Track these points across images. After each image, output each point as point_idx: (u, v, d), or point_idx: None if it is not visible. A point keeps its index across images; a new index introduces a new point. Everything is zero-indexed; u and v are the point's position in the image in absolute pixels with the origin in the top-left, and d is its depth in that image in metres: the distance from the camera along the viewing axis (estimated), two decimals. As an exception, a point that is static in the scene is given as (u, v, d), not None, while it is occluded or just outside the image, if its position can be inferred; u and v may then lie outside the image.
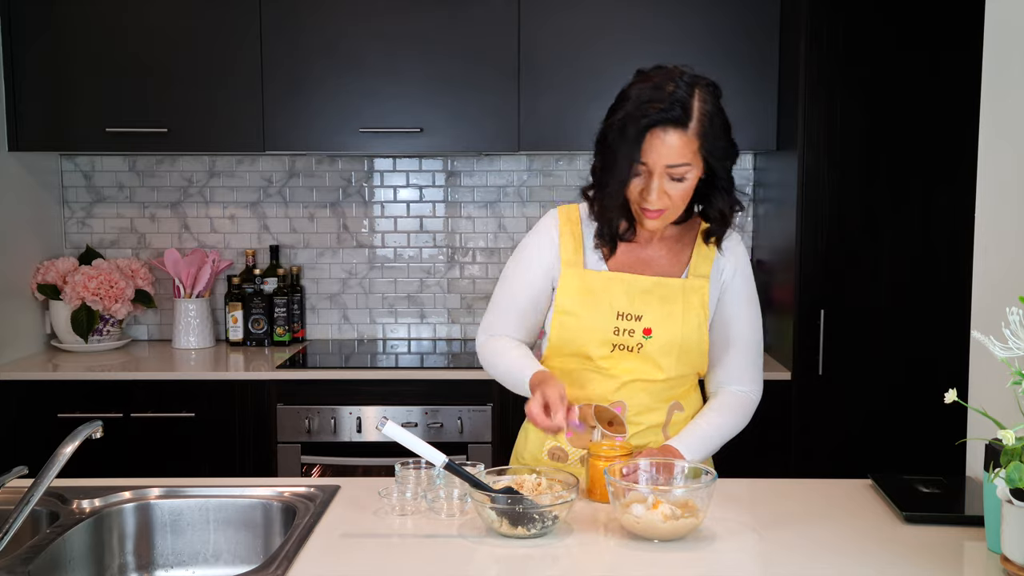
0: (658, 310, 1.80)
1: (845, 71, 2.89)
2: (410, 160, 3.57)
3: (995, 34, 1.85)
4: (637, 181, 1.71)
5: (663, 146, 1.66)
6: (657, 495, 1.54)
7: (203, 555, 1.75)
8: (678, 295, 1.81)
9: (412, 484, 1.69)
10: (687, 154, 1.67)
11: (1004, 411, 1.54)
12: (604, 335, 1.80)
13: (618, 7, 3.13)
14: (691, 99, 1.67)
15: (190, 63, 3.16)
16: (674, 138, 1.66)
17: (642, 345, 1.80)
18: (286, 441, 3.01)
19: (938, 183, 2.90)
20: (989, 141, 1.87)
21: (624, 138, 1.67)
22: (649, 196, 1.70)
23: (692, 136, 1.67)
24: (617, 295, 1.81)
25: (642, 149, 1.66)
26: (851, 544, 1.53)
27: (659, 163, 1.67)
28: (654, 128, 1.65)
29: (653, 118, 1.65)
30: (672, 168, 1.68)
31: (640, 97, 1.67)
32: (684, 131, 1.66)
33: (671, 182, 1.69)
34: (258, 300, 3.45)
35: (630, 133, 1.66)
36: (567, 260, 1.84)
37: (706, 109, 1.68)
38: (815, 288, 2.95)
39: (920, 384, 2.90)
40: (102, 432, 1.50)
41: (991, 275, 1.85)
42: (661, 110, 1.65)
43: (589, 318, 1.81)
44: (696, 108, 1.67)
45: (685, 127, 1.66)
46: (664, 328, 1.80)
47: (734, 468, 1.89)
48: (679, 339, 1.80)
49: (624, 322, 1.80)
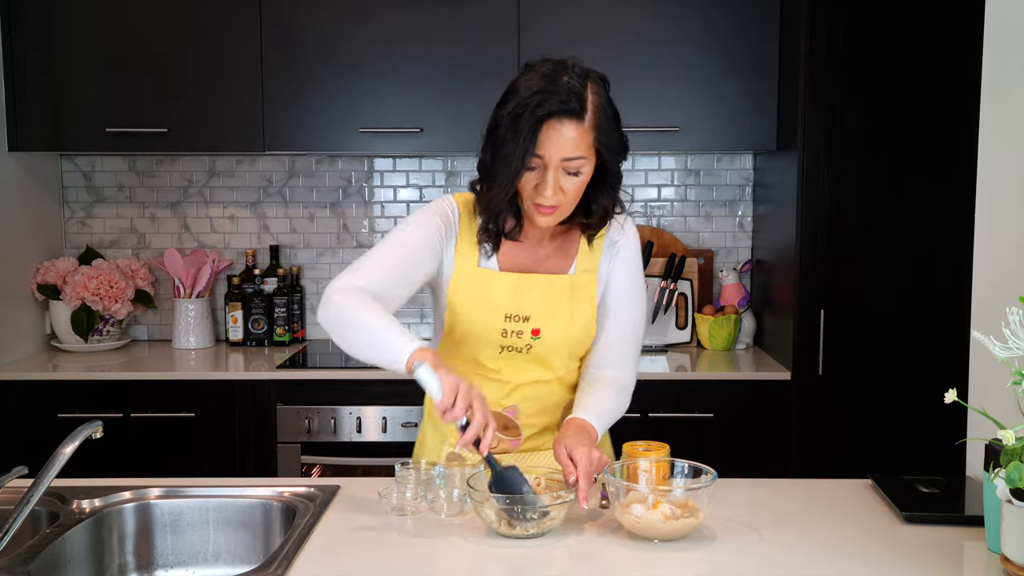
0: (545, 309, 1.77)
1: (845, 71, 2.89)
2: (410, 160, 3.57)
3: (995, 34, 1.85)
4: (531, 176, 1.65)
5: (560, 138, 1.61)
6: (657, 495, 1.54)
7: (203, 555, 1.75)
8: (565, 292, 1.79)
9: (412, 484, 1.68)
10: (583, 147, 1.63)
11: (1004, 411, 1.54)
12: (491, 336, 1.78)
13: (617, 7, 3.13)
14: (585, 91, 1.63)
15: (190, 63, 3.17)
16: (571, 130, 1.61)
17: (531, 346, 1.78)
18: (286, 441, 3.01)
19: (938, 183, 2.90)
20: (989, 141, 1.87)
21: (518, 129, 1.60)
22: (544, 191, 1.64)
23: (588, 128, 1.63)
24: (505, 296, 1.76)
25: (538, 141, 1.61)
26: (851, 544, 1.53)
27: (555, 156, 1.62)
28: (550, 119, 1.60)
29: (549, 108, 1.60)
30: (568, 161, 1.63)
31: (532, 88, 1.62)
32: (580, 123, 1.62)
33: (566, 176, 1.65)
34: (258, 300, 3.45)
35: (525, 124, 1.60)
36: (461, 257, 1.78)
37: (599, 101, 1.65)
38: (815, 288, 2.94)
39: (920, 384, 2.90)
40: (102, 432, 1.50)
41: (991, 275, 1.85)
42: (559, 101, 1.60)
43: (477, 319, 1.77)
44: (590, 100, 1.63)
45: (581, 119, 1.62)
46: (552, 328, 1.78)
47: (734, 468, 1.88)
48: (567, 338, 1.79)
49: (512, 323, 1.77)
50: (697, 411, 2.98)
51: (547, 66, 1.66)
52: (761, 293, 3.44)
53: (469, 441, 1.53)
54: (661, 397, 2.95)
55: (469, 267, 1.78)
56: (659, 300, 3.40)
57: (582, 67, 1.68)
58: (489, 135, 1.69)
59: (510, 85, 1.69)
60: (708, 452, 2.20)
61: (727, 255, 3.59)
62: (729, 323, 3.35)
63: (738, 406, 2.98)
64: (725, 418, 2.98)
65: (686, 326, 3.44)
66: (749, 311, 3.46)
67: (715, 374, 3.03)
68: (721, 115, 3.15)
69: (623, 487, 1.55)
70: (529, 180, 1.66)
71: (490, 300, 1.77)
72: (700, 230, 3.59)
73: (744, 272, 3.55)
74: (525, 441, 1.83)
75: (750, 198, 3.57)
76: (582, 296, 1.81)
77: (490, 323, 1.78)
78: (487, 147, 1.69)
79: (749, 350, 3.39)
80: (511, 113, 1.63)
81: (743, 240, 3.58)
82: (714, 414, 2.98)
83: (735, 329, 3.37)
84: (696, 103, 3.15)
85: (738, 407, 2.99)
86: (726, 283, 3.46)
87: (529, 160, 1.63)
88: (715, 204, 3.58)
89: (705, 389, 3.00)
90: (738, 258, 3.59)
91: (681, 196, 3.58)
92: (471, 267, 1.78)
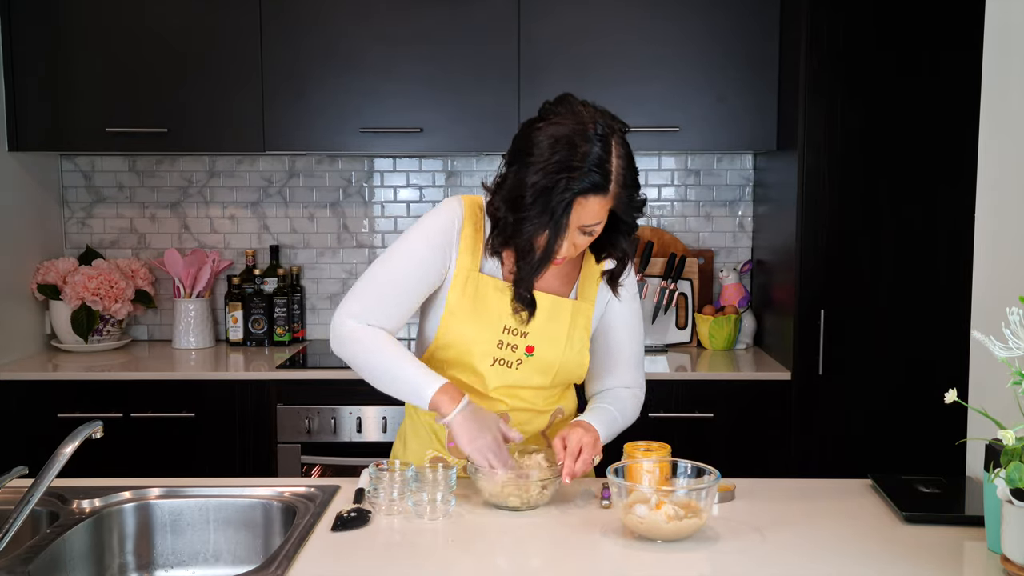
0: (544, 329, 1.77)
1: (845, 71, 2.89)
2: (410, 160, 3.57)
3: (995, 34, 1.85)
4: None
5: (583, 211, 1.61)
6: (660, 496, 1.54)
7: (203, 555, 1.75)
8: (566, 315, 1.79)
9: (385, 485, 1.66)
10: (602, 213, 1.63)
11: (1004, 411, 1.54)
12: (487, 347, 1.77)
13: (618, 7, 3.13)
14: (609, 156, 1.59)
15: (190, 63, 3.16)
16: (595, 203, 1.60)
17: (522, 361, 1.78)
18: (286, 441, 3.01)
19: (938, 183, 2.90)
20: (989, 141, 1.87)
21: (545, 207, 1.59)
22: (560, 251, 1.66)
23: (611, 198, 1.62)
24: (507, 308, 1.75)
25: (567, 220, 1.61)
26: (851, 544, 1.53)
27: (575, 224, 1.63)
28: (580, 197, 1.59)
29: (576, 191, 1.57)
30: (587, 227, 1.64)
31: (555, 160, 1.57)
32: (605, 196, 1.60)
33: (581, 236, 1.66)
34: (258, 300, 3.45)
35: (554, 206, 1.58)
36: (463, 259, 1.76)
37: (622, 165, 1.61)
38: (815, 288, 2.94)
39: (920, 384, 2.90)
40: (102, 432, 1.50)
41: (991, 275, 1.85)
42: (589, 181, 1.57)
43: (474, 327, 1.76)
44: (614, 167, 1.60)
45: (606, 192, 1.60)
46: (547, 348, 1.78)
47: (735, 468, 1.88)
48: (559, 361, 1.79)
49: (509, 336, 1.77)
50: (697, 411, 2.98)
51: (567, 125, 1.60)
52: (761, 293, 3.44)
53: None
54: (661, 397, 2.95)
55: (472, 272, 1.76)
56: (659, 300, 3.41)
57: (604, 123, 1.62)
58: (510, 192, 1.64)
59: (526, 139, 1.64)
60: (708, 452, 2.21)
61: (727, 255, 3.59)
62: (729, 323, 3.35)
63: (738, 406, 2.98)
64: (725, 418, 2.98)
65: (686, 326, 3.44)
66: (749, 311, 3.46)
67: (715, 374, 3.03)
68: (721, 115, 3.15)
69: (626, 487, 1.56)
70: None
71: (490, 309, 1.76)
72: (700, 230, 3.59)
73: (744, 272, 3.55)
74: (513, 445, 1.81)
75: (750, 198, 3.57)
76: (579, 322, 1.81)
77: (487, 333, 1.77)
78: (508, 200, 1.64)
79: (749, 350, 3.39)
80: (536, 186, 1.58)
81: (743, 240, 3.58)
82: (714, 414, 2.98)
83: (735, 329, 3.37)
84: (696, 103, 3.15)
85: (738, 407, 2.99)
86: (726, 283, 3.46)
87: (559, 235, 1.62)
88: (715, 204, 3.58)
89: (705, 389, 3.00)
90: (738, 258, 3.59)
91: (681, 196, 3.58)
92: (474, 272, 1.77)
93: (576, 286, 1.83)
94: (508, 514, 1.65)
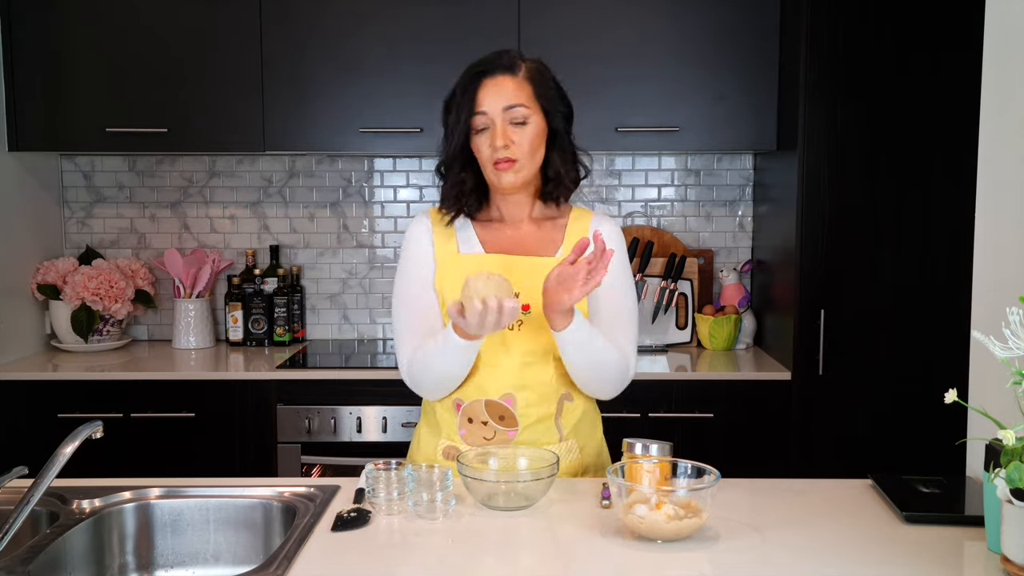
0: (534, 287, 1.80)
1: (845, 71, 2.89)
2: (410, 160, 3.57)
3: (995, 34, 1.85)
4: (483, 137, 1.79)
5: (496, 88, 1.78)
6: (660, 495, 1.54)
7: (203, 555, 1.75)
8: None
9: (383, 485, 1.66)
10: (522, 96, 1.78)
11: (1004, 411, 1.54)
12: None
13: (618, 7, 3.13)
14: (518, 60, 1.82)
15: (190, 63, 3.17)
16: (506, 81, 1.78)
17: (522, 322, 1.82)
18: (286, 441, 3.01)
19: (938, 183, 2.90)
20: (989, 141, 1.87)
21: (461, 96, 1.79)
22: (496, 141, 1.76)
23: (523, 79, 1.79)
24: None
25: (477, 98, 1.77)
26: (851, 544, 1.53)
27: (496, 107, 1.77)
28: (485, 78, 1.78)
29: (482, 68, 1.79)
30: (511, 109, 1.77)
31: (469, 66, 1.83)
32: (514, 75, 1.79)
33: (513, 127, 1.77)
34: (258, 300, 3.45)
35: (463, 88, 1.79)
36: (441, 250, 1.86)
37: (535, 66, 1.83)
38: (815, 288, 2.95)
39: (920, 384, 2.90)
40: (102, 432, 1.50)
41: (991, 275, 1.85)
42: (492, 63, 1.80)
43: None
44: (523, 64, 1.82)
45: (515, 72, 1.79)
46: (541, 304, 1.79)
47: (734, 468, 1.88)
48: None
49: None
50: (697, 411, 2.98)
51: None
52: (761, 293, 3.44)
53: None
54: (661, 397, 2.96)
55: (451, 257, 1.85)
56: (659, 300, 3.41)
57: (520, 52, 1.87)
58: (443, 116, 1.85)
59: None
60: (708, 452, 2.21)
61: (727, 255, 3.59)
62: (729, 323, 3.35)
63: (738, 406, 2.98)
64: (725, 418, 2.98)
65: (686, 326, 3.44)
66: (749, 311, 3.46)
67: (715, 374, 3.03)
68: (721, 115, 3.15)
69: (626, 487, 1.55)
70: (482, 142, 1.79)
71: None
72: (700, 230, 3.59)
73: (744, 272, 3.55)
74: (522, 432, 1.83)
75: (750, 198, 3.57)
76: None
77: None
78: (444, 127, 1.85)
79: (749, 350, 3.39)
80: (453, 88, 1.82)
81: (743, 240, 3.58)
82: (714, 414, 2.98)
83: (735, 329, 3.38)
84: (696, 103, 3.15)
85: (738, 407, 2.99)
86: (726, 283, 3.46)
87: (473, 117, 1.78)
88: (715, 204, 3.58)
89: (705, 389, 3.00)
90: (738, 258, 3.59)
91: (681, 196, 3.58)
92: (453, 255, 1.85)
93: (561, 247, 1.87)
94: (508, 514, 1.65)
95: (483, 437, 1.84)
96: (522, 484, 1.66)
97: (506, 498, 1.66)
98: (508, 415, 1.82)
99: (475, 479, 1.66)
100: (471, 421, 1.84)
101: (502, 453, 1.77)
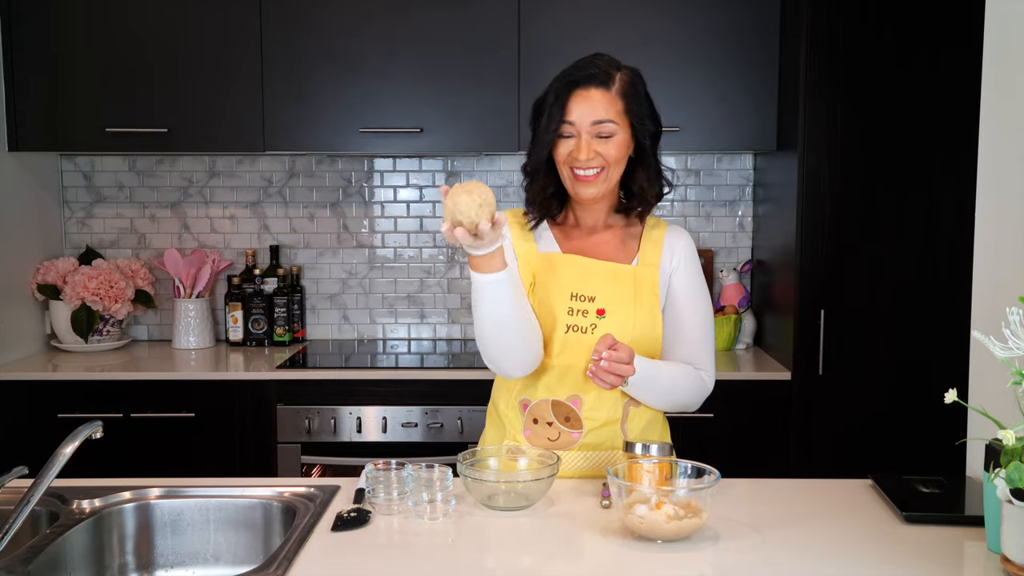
0: (610, 292, 1.81)
1: (845, 71, 2.89)
2: (410, 160, 3.57)
3: (995, 34, 1.85)
4: (567, 144, 1.77)
5: (586, 102, 1.75)
6: (660, 495, 1.54)
7: (203, 555, 1.75)
8: (629, 280, 1.83)
9: (383, 485, 1.66)
10: (611, 112, 1.75)
11: (1004, 411, 1.54)
12: (559, 315, 1.81)
13: (618, 7, 3.13)
14: (613, 71, 1.78)
15: (190, 63, 3.17)
16: (597, 95, 1.75)
17: (596, 326, 1.81)
18: (286, 441, 3.01)
19: (938, 183, 2.90)
20: (989, 141, 1.87)
21: (551, 101, 1.77)
22: (579, 154, 1.74)
23: (615, 95, 1.76)
24: (571, 275, 1.82)
25: (567, 108, 1.75)
26: (851, 544, 1.53)
27: (585, 120, 1.75)
28: (577, 88, 1.75)
29: (576, 78, 1.76)
30: (598, 124, 1.75)
31: (564, 72, 1.79)
32: (607, 90, 1.75)
33: (599, 140, 1.75)
34: (258, 300, 3.45)
35: (555, 94, 1.76)
36: (520, 250, 1.85)
37: (628, 79, 1.78)
38: (815, 288, 2.94)
39: (920, 384, 2.90)
40: (102, 432, 1.50)
41: (991, 275, 1.85)
42: (587, 74, 1.76)
43: (545, 297, 1.82)
44: (618, 76, 1.77)
45: (608, 87, 1.76)
46: (617, 310, 1.81)
47: (734, 468, 1.88)
48: (632, 321, 1.81)
49: (578, 303, 1.81)
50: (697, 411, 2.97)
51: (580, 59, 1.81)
52: (761, 293, 3.44)
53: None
54: (661, 397, 2.95)
55: (530, 255, 1.85)
56: (659, 300, 3.40)
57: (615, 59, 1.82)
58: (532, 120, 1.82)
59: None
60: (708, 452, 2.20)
61: (727, 255, 3.59)
62: (729, 323, 3.35)
63: (738, 406, 2.98)
64: (725, 418, 2.98)
65: (686, 326, 3.44)
66: (749, 311, 3.46)
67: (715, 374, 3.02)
68: (721, 115, 3.15)
69: (626, 488, 1.56)
70: (566, 148, 1.77)
71: (556, 279, 1.82)
72: (700, 230, 3.59)
73: (744, 272, 3.55)
74: (587, 435, 1.83)
75: (750, 198, 3.57)
76: (645, 286, 1.84)
77: (556, 302, 1.81)
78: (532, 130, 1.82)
79: (749, 350, 3.39)
80: (546, 93, 1.79)
81: (743, 240, 3.58)
82: (714, 414, 2.97)
83: (735, 329, 3.37)
84: (696, 103, 3.15)
85: (738, 407, 2.98)
86: (726, 283, 3.46)
87: (562, 127, 1.75)
88: (715, 204, 3.58)
89: (705, 389, 2.99)
90: (738, 258, 3.59)
91: (681, 196, 3.58)
92: (532, 255, 1.85)
93: (637, 256, 1.87)
94: (508, 514, 1.65)
95: (547, 438, 1.84)
96: (522, 484, 1.67)
97: (506, 498, 1.66)
98: (574, 416, 1.82)
99: (475, 479, 1.66)
100: (536, 422, 1.84)
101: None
